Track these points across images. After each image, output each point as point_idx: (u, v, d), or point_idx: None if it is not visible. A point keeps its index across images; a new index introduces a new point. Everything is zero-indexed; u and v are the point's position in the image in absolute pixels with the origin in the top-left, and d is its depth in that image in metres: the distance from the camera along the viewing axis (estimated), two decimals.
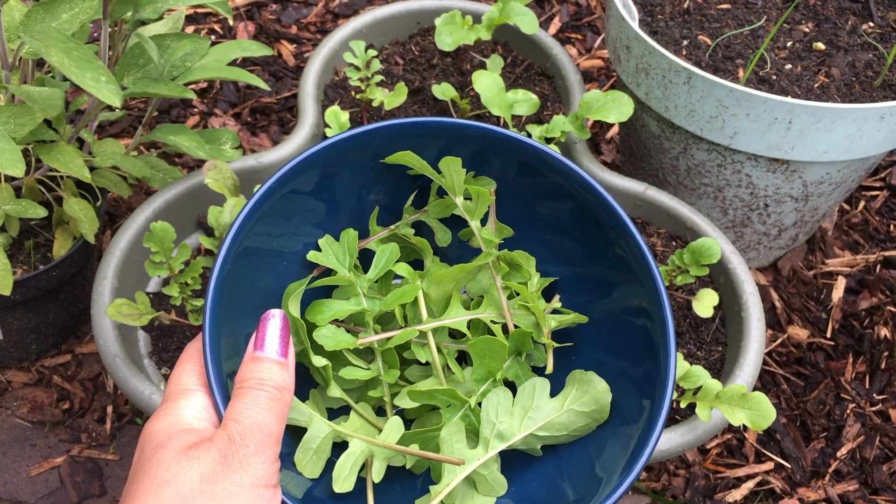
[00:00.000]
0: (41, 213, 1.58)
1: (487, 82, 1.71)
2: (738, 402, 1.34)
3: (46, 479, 1.69)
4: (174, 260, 1.43)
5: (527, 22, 1.78)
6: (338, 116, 1.71)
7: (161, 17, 1.53)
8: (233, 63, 2.36)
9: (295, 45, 2.46)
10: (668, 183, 1.86)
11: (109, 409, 1.79)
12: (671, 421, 1.47)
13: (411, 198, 1.16)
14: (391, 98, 1.71)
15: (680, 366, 1.42)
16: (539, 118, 1.87)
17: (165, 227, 1.40)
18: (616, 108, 1.65)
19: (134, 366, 1.42)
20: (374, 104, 1.75)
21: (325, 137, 1.84)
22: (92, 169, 1.73)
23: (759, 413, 1.32)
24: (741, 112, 1.55)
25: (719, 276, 1.61)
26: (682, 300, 1.60)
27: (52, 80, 1.62)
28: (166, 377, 1.54)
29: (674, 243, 1.68)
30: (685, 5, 1.88)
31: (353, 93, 1.88)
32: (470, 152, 1.08)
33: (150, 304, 1.62)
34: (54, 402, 1.79)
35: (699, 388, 1.38)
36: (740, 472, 1.74)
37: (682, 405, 1.39)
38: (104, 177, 1.74)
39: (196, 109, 2.31)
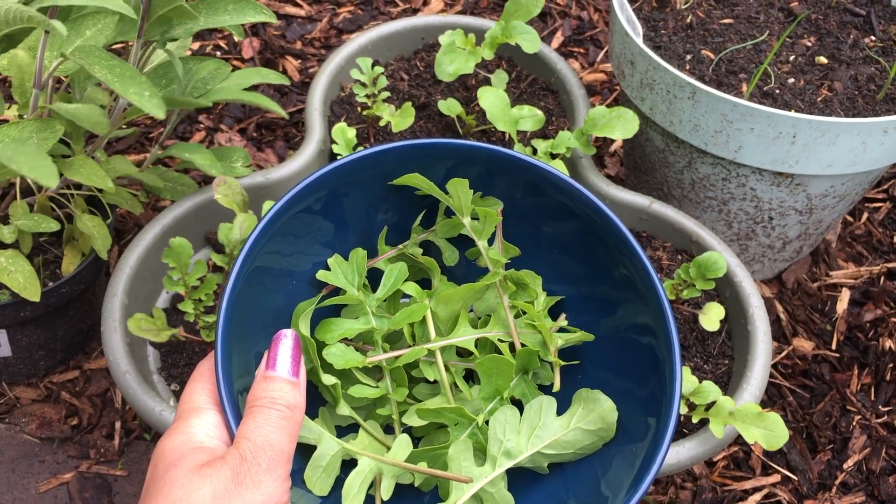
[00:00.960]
0: (54, 226, 1.59)
1: (492, 98, 1.73)
2: (754, 421, 1.34)
3: (55, 495, 1.70)
4: (190, 276, 1.45)
5: (529, 41, 1.79)
6: (345, 133, 1.72)
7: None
8: (251, 88, 2.38)
9: (300, 61, 2.47)
10: (673, 196, 1.87)
11: (118, 424, 1.80)
12: (679, 434, 1.47)
13: (419, 218, 1.18)
14: (398, 119, 1.73)
15: (688, 380, 1.43)
16: (544, 133, 1.88)
17: (183, 243, 1.41)
18: (621, 125, 1.66)
19: (144, 382, 1.43)
20: (381, 123, 1.77)
21: (332, 154, 1.87)
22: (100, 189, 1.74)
23: (774, 433, 1.33)
24: (745, 126, 1.56)
25: (725, 290, 1.62)
26: (688, 314, 1.61)
27: (75, 98, 1.64)
28: (176, 394, 1.55)
29: (679, 257, 1.69)
30: (688, 20, 1.89)
31: (359, 109, 1.90)
32: (477, 172, 1.10)
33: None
34: (63, 418, 1.80)
35: (712, 405, 1.39)
36: (747, 485, 1.75)
37: (694, 420, 1.40)
38: (118, 193, 1.75)
39: (202, 125, 2.33)
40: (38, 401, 1.83)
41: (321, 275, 1.11)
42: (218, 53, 2.48)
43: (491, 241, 1.16)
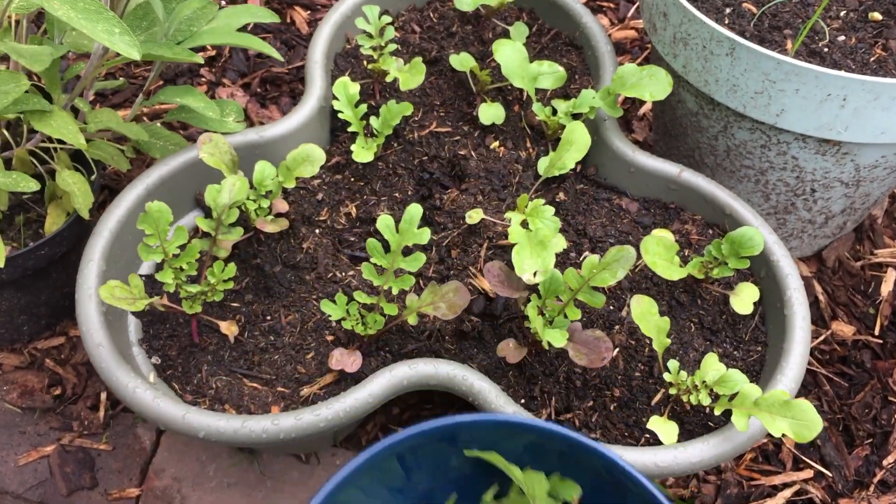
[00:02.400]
0: (33, 186, 1.47)
1: (509, 52, 1.57)
2: (780, 410, 1.20)
3: (35, 468, 1.61)
4: (169, 243, 1.32)
5: None
6: (347, 88, 1.58)
7: None
8: (242, 29, 2.23)
9: (309, 12, 2.32)
10: (706, 165, 1.71)
11: (103, 395, 1.69)
12: (703, 429, 1.33)
13: (492, 492, 1.18)
14: (407, 76, 1.58)
15: (714, 367, 1.29)
16: (566, 92, 1.72)
17: (161, 207, 1.29)
18: (653, 85, 1.51)
19: (119, 356, 1.31)
20: (388, 79, 1.62)
21: (333, 111, 1.74)
22: (88, 141, 1.62)
23: (804, 423, 1.19)
24: (790, 87, 1.40)
25: (760, 269, 1.46)
26: (717, 294, 1.46)
27: (51, 42, 1.50)
28: (157, 367, 1.43)
29: (710, 231, 1.53)
30: None
31: (365, 62, 1.75)
32: (557, 451, 1.10)
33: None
34: (45, 387, 1.69)
35: (735, 395, 1.25)
36: (776, 480, 1.61)
37: (717, 412, 1.26)
38: (100, 148, 1.62)
39: (204, 79, 2.19)
40: (20, 368, 1.72)
41: None
42: (223, 3, 2.33)
43: None
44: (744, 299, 1.39)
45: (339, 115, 1.57)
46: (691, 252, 1.51)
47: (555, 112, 1.61)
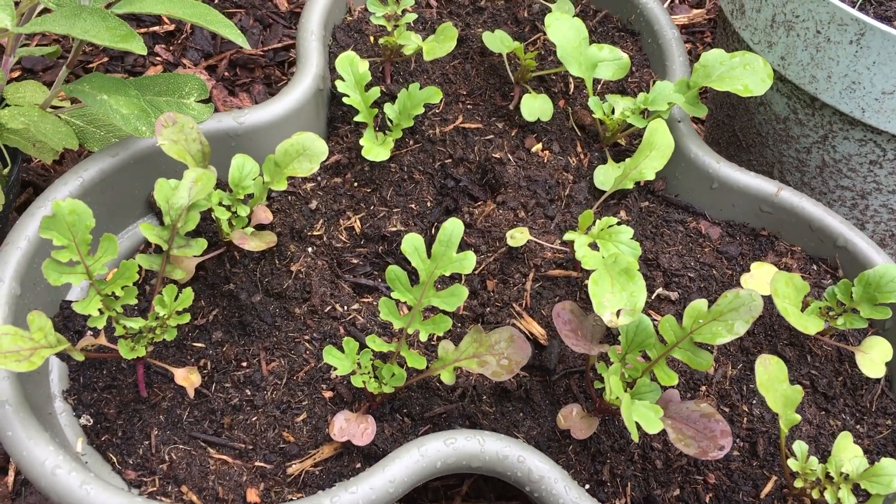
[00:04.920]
0: None
1: (565, 28, 1.23)
2: None
3: None
4: (94, 259, 0.94)
5: None
6: (354, 66, 1.21)
7: None
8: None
9: None
10: (787, 184, 1.39)
11: None
12: None
13: None
14: (433, 45, 1.23)
15: (852, 452, 0.96)
16: (622, 86, 1.39)
17: (77, 207, 0.91)
18: (748, 77, 1.18)
19: (32, 418, 0.93)
20: (406, 52, 1.26)
21: (333, 94, 1.36)
22: None
23: None
24: None
25: (884, 320, 1.14)
26: (830, 349, 1.14)
27: None
28: (86, 429, 1.04)
29: (814, 267, 1.21)
30: None
31: (372, 38, 1.39)
32: None
33: (68, 320, 1.11)
34: None
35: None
36: None
37: None
38: (17, 134, 1.23)
39: (159, 58, 1.80)
40: None
41: None
42: None
43: None
44: (874, 359, 1.07)
45: (344, 101, 1.21)
46: (809, 298, 1.18)
47: (612, 111, 1.27)
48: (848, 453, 0.97)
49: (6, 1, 0.89)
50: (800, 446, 0.97)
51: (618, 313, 0.95)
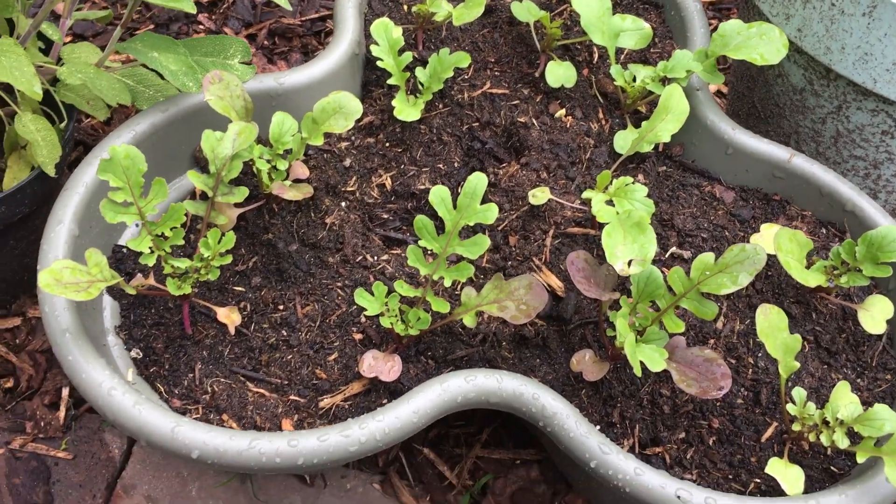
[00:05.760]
0: None
1: None
2: None
3: None
4: (146, 201, 1.02)
5: None
6: (388, 31, 1.29)
7: None
8: None
9: None
10: (802, 153, 1.44)
11: (65, 392, 1.39)
12: (824, 475, 1.07)
13: None
14: (462, 11, 1.29)
15: (848, 399, 1.02)
16: (644, 57, 1.45)
17: (131, 152, 0.99)
18: (763, 46, 1.23)
19: (91, 346, 1.02)
20: (438, 18, 1.33)
21: (368, 59, 1.43)
22: (57, 81, 1.31)
23: None
24: None
25: (888, 280, 1.20)
26: (835, 308, 1.19)
27: None
28: (137, 362, 1.13)
29: (823, 231, 1.27)
30: None
31: (405, 6, 1.46)
32: None
33: (120, 262, 1.21)
34: None
35: (887, 438, 0.98)
36: None
37: (860, 459, 0.99)
38: (73, 91, 1.32)
39: (202, 27, 1.89)
40: None
41: None
42: None
43: None
44: (875, 316, 1.13)
45: (378, 64, 1.28)
46: (815, 257, 1.23)
47: (634, 79, 1.33)
48: (845, 400, 1.03)
49: None
50: (798, 393, 1.03)
51: (629, 263, 1.01)
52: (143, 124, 1.21)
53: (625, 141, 1.30)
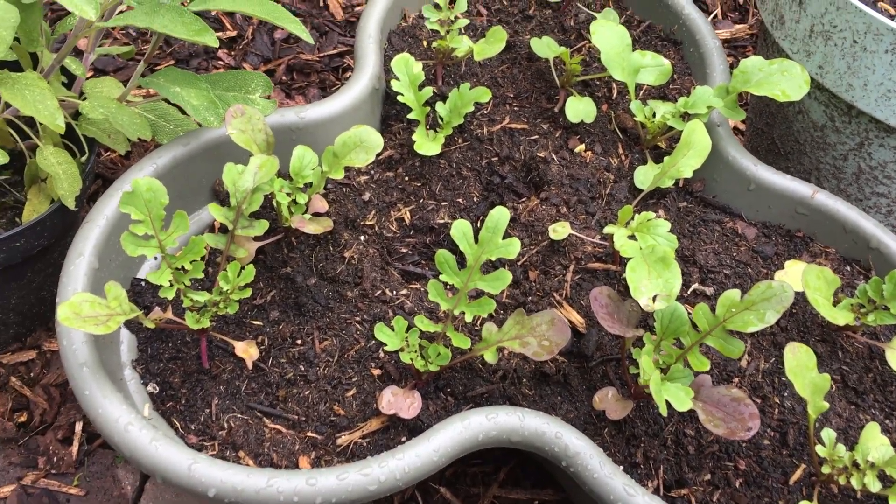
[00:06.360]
0: (0, 160, 1.18)
1: (610, 35, 1.29)
2: None
3: None
4: (167, 234, 1.02)
5: None
6: (409, 66, 1.29)
7: None
8: None
9: None
10: (823, 189, 1.43)
11: (78, 426, 1.37)
12: None
13: None
14: (483, 46, 1.30)
15: (879, 441, 1.00)
16: (663, 92, 1.44)
17: (153, 185, 0.99)
18: (785, 82, 1.23)
19: (108, 381, 1.01)
20: (458, 54, 1.34)
21: (388, 94, 1.43)
22: (80, 115, 1.32)
23: None
24: None
25: None
26: (861, 346, 1.17)
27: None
28: (153, 397, 1.12)
29: (848, 268, 1.25)
30: None
31: (425, 43, 1.46)
32: None
33: (139, 295, 1.20)
34: (8, 411, 1.37)
35: None
36: None
37: (893, 502, 0.96)
38: (94, 125, 1.32)
39: (222, 62, 1.90)
40: None
41: None
42: None
43: None
44: None
45: (399, 99, 1.28)
46: (841, 294, 1.22)
47: (653, 115, 1.32)
48: (875, 442, 1.01)
49: None
50: (828, 434, 1.01)
51: (654, 298, 1.00)
52: (164, 157, 1.22)
53: (645, 176, 1.29)
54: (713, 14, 2.08)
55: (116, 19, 1.13)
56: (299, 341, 1.17)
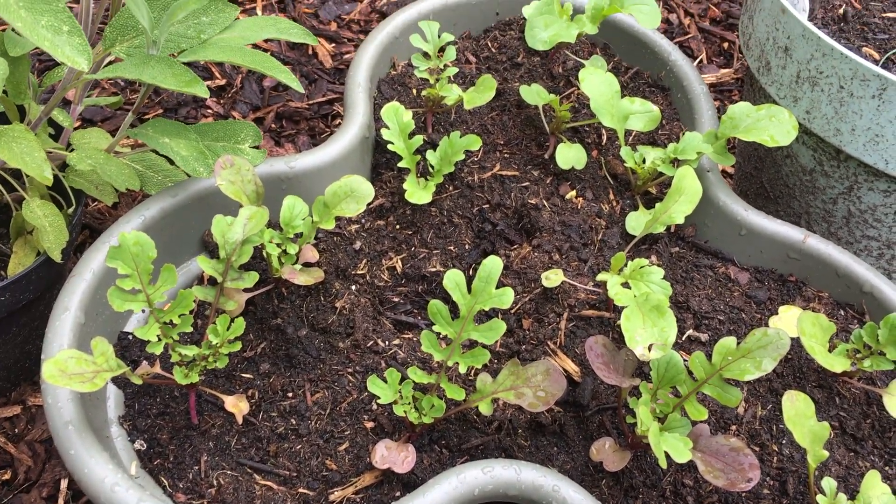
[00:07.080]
0: None
1: (598, 82, 1.30)
2: None
3: None
4: (154, 288, 1.00)
5: (646, 14, 1.37)
6: (399, 115, 1.29)
7: None
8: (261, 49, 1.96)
9: (334, 45, 2.06)
10: (814, 233, 1.43)
11: (63, 484, 1.34)
12: None
13: None
14: (473, 95, 1.30)
15: (879, 490, 0.98)
16: (652, 138, 1.45)
17: (141, 239, 0.98)
18: (774, 128, 1.24)
19: (94, 439, 0.98)
20: (448, 102, 1.34)
21: (378, 142, 1.43)
22: (67, 167, 1.31)
23: None
24: None
25: None
26: (858, 392, 1.16)
27: (14, 36, 1.20)
28: (140, 453, 1.09)
29: (842, 313, 1.24)
30: (840, 11, 1.48)
31: (414, 91, 1.47)
32: None
33: (126, 349, 1.18)
34: None
35: None
36: None
37: None
38: (82, 176, 1.31)
39: (210, 111, 1.90)
40: None
41: None
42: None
43: None
44: None
45: (389, 147, 1.28)
46: (836, 340, 1.21)
47: (643, 161, 1.33)
48: (876, 490, 0.99)
49: (83, 45, 0.97)
50: (829, 483, 1.00)
51: (649, 347, 0.99)
52: (152, 209, 1.20)
53: (637, 222, 1.29)
54: (698, 59, 2.10)
55: (106, 71, 1.13)
56: (290, 394, 1.15)
